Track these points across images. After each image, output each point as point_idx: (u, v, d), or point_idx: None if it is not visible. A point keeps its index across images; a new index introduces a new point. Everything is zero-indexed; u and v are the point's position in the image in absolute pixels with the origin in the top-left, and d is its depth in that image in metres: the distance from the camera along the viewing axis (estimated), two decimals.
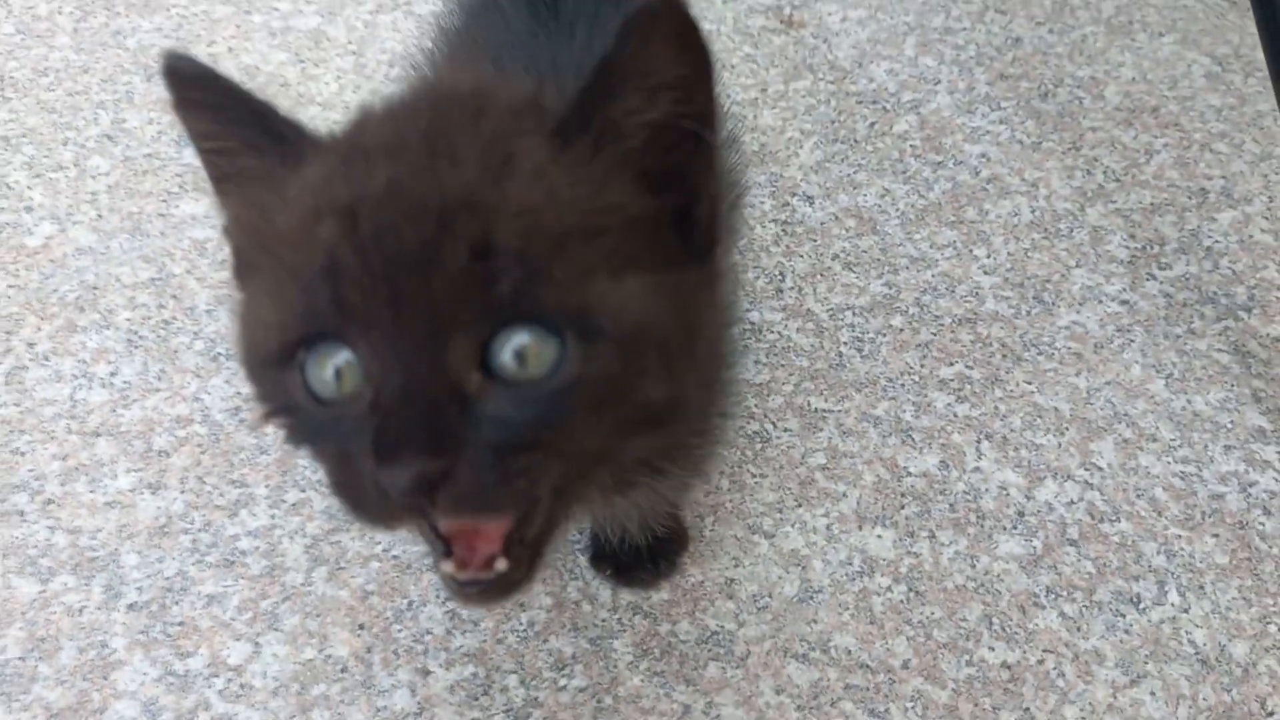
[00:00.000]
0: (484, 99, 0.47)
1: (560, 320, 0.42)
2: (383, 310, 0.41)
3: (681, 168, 0.46)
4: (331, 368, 0.43)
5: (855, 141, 1.08)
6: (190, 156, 1.02)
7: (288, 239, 0.43)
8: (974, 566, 0.80)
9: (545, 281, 0.41)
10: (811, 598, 0.78)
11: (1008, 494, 0.83)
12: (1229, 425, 0.88)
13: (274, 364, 0.45)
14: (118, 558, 0.77)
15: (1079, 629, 0.77)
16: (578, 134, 0.44)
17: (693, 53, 0.43)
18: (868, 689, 0.74)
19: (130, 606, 0.75)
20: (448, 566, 0.46)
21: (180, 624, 0.75)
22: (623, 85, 0.44)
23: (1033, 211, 1.03)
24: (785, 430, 0.87)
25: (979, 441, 0.86)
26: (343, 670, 0.73)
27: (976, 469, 0.85)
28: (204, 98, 0.46)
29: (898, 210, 1.02)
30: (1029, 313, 0.95)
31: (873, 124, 1.10)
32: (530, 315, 0.42)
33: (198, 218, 0.97)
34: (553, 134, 0.44)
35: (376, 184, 0.42)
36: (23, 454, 0.82)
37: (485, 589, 0.46)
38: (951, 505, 0.83)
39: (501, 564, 0.45)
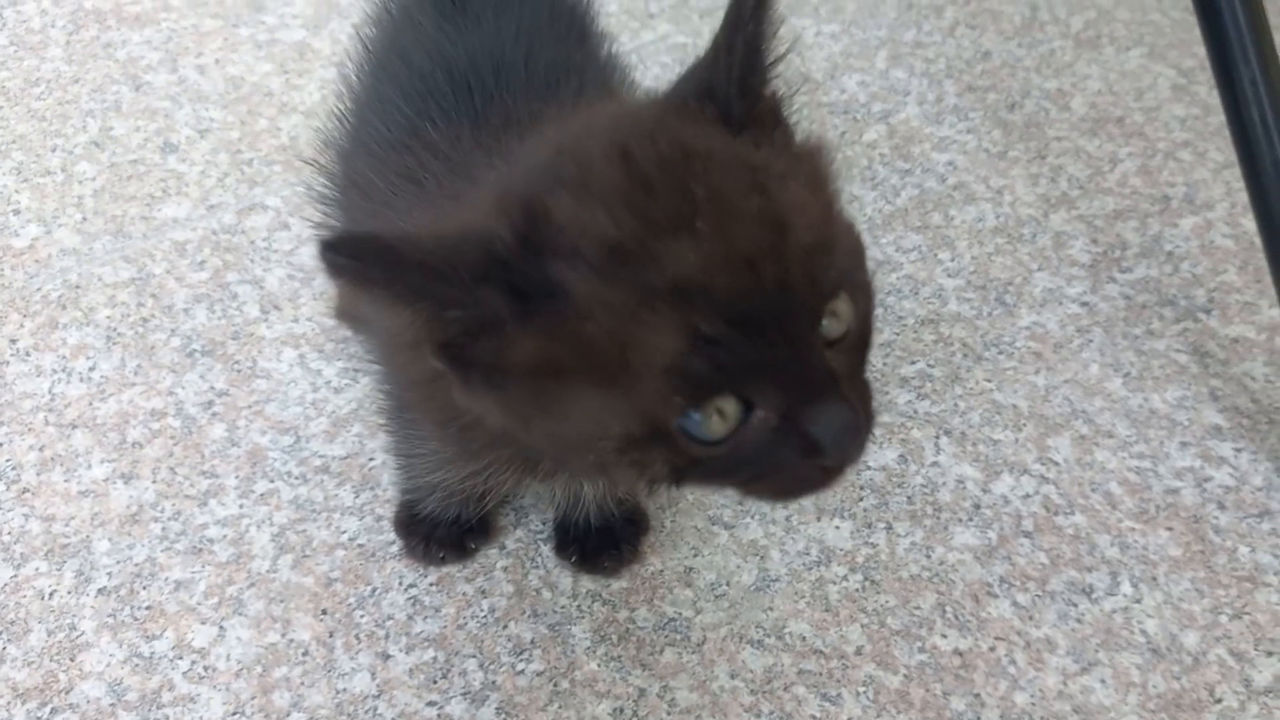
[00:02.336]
0: (675, 134, 0.47)
1: (852, 282, 0.48)
2: (767, 348, 0.45)
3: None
4: (715, 415, 0.46)
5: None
6: (175, 162, 1.05)
7: (612, 344, 0.44)
8: (929, 557, 0.81)
9: (834, 254, 0.47)
10: (768, 586, 0.79)
11: (965, 487, 0.85)
12: (1185, 422, 0.90)
13: (645, 443, 0.47)
14: (89, 544, 0.79)
15: (1031, 618, 0.78)
16: (764, 121, 0.49)
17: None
18: (821, 674, 0.75)
19: (100, 591, 0.77)
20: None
21: (148, 608, 0.76)
22: (769, 57, 0.49)
23: (997, 217, 1.05)
24: None
25: (938, 437, 0.88)
26: (305, 654, 0.75)
27: (935, 463, 0.86)
28: (377, 278, 0.43)
29: (865, 215, 1.04)
30: (990, 314, 0.97)
31: (843, 133, 1.12)
32: (839, 288, 0.47)
33: (178, 220, 1.00)
34: (749, 136, 0.48)
35: (693, 257, 0.43)
36: (0, 445, 0.84)
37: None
38: (909, 498, 0.84)
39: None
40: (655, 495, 0.59)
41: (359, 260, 0.42)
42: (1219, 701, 0.74)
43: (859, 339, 0.50)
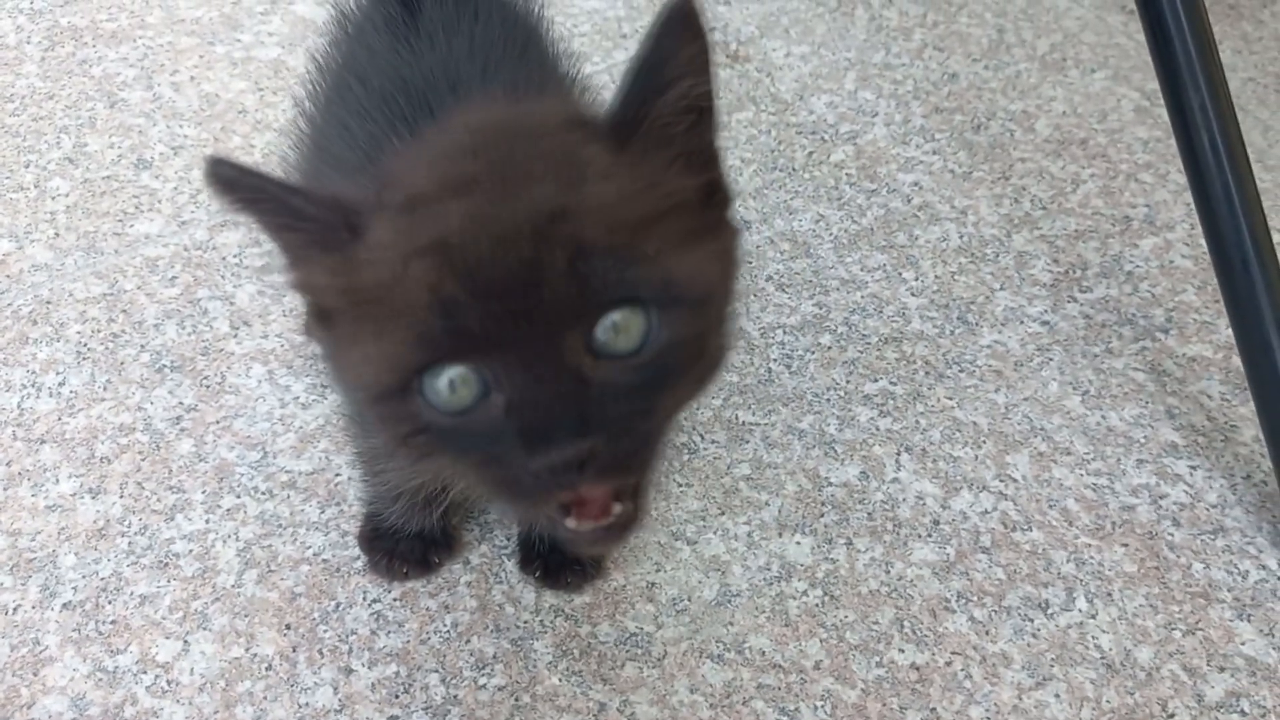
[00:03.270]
0: (533, 121, 0.50)
1: (647, 298, 0.47)
2: (500, 328, 0.46)
3: (704, 142, 0.52)
4: (446, 382, 0.47)
5: (793, 170, 1.12)
6: (148, 179, 1.06)
7: (381, 290, 0.47)
8: (888, 572, 0.82)
9: (630, 268, 0.47)
10: (729, 601, 0.80)
11: (924, 503, 0.86)
12: (1142, 440, 0.91)
13: (394, 395, 0.49)
14: (55, 559, 0.80)
15: (987, 633, 0.79)
16: (630, 135, 0.49)
17: (703, 37, 0.48)
18: (779, 688, 0.76)
19: (65, 605, 0.77)
20: (572, 523, 0.51)
21: (112, 622, 0.77)
22: (665, 82, 0.48)
23: (961, 237, 1.06)
24: (712, 442, 0.90)
25: (899, 454, 0.89)
26: (268, 668, 0.75)
27: (895, 479, 0.88)
28: (248, 195, 0.48)
29: (831, 235, 1.06)
30: (953, 332, 0.98)
31: (811, 153, 1.13)
32: (622, 299, 0.47)
33: (150, 236, 1.01)
34: (609, 139, 0.49)
35: (457, 219, 0.46)
36: None
37: (608, 532, 0.51)
38: (869, 514, 0.85)
39: (618, 508, 0.51)
40: (417, 469, 0.61)
41: (235, 179, 0.47)
42: (1172, 717, 0.76)
43: (658, 368, 0.48)
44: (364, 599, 0.79)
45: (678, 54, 0.48)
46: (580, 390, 0.46)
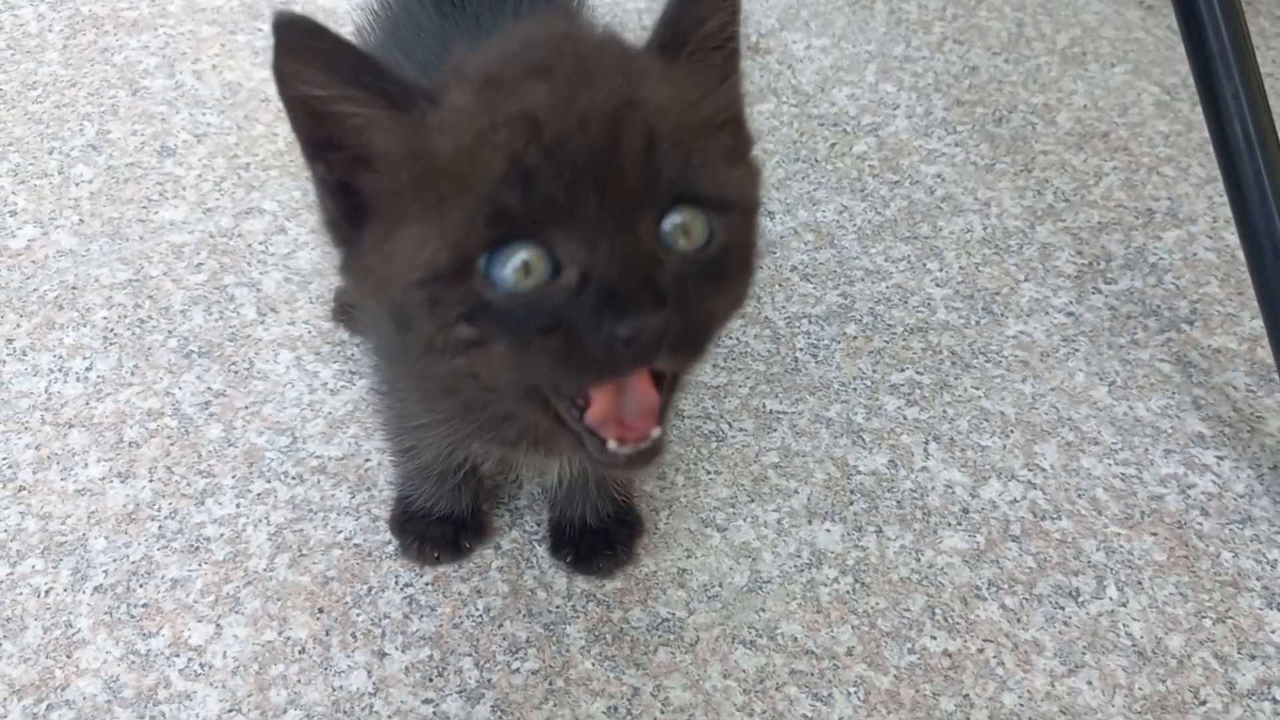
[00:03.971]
0: (588, 33, 0.54)
1: (706, 200, 0.50)
2: (580, 200, 0.47)
3: (733, 78, 0.55)
4: (520, 262, 0.48)
5: (816, 161, 1.12)
6: (172, 166, 1.06)
7: (452, 161, 0.48)
8: (918, 560, 0.82)
9: (690, 169, 0.50)
10: (760, 588, 0.80)
11: (953, 492, 0.86)
12: (1169, 430, 0.91)
13: (448, 277, 0.49)
14: (86, 542, 0.79)
15: (1019, 620, 0.79)
16: (675, 54, 0.52)
17: None
18: (812, 674, 0.76)
19: (96, 589, 0.77)
20: (613, 445, 0.52)
21: (144, 606, 0.77)
22: (702, 16, 0.52)
23: (984, 229, 1.06)
24: (740, 430, 0.90)
25: (927, 443, 0.89)
26: (301, 651, 0.75)
27: (924, 468, 0.88)
28: (319, 53, 0.48)
29: (855, 226, 1.06)
30: (978, 323, 0.98)
31: (833, 145, 1.14)
32: (688, 197, 0.50)
33: (175, 223, 1.01)
34: (659, 53, 0.52)
35: (542, 97, 0.48)
36: None
37: (645, 455, 0.52)
38: (899, 502, 0.85)
39: (656, 431, 0.52)
40: (441, 358, 0.58)
41: (312, 31, 0.48)
42: (1203, 704, 0.76)
43: (717, 267, 0.51)
44: (396, 583, 0.79)
45: None
46: (655, 269, 0.48)
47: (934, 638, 0.78)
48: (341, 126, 0.50)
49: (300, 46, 0.48)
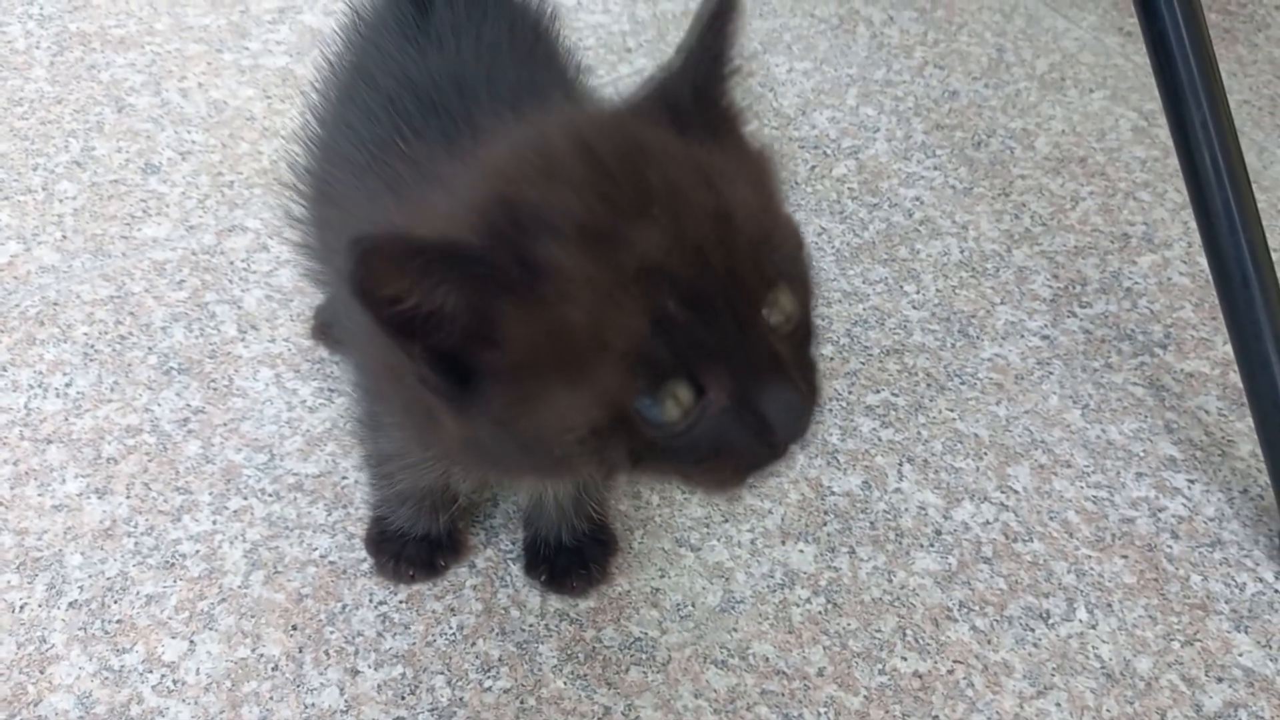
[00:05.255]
0: (630, 129, 0.51)
1: (785, 272, 0.51)
2: (719, 330, 0.47)
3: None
4: (670, 401, 0.49)
5: (796, 183, 1.13)
6: (156, 183, 1.06)
7: (588, 329, 0.46)
8: (890, 581, 0.83)
9: (769, 249, 0.50)
10: (733, 608, 0.81)
11: (926, 513, 0.87)
12: (1141, 454, 0.92)
13: (606, 431, 0.49)
14: (62, 558, 0.80)
15: (989, 641, 0.80)
16: (718, 125, 0.52)
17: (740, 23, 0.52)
18: (783, 694, 0.76)
19: (71, 604, 0.77)
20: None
21: (119, 622, 0.77)
22: (726, 68, 0.53)
23: (962, 252, 1.07)
24: None
25: (901, 464, 0.90)
26: (274, 668, 0.75)
27: (897, 490, 0.88)
28: (424, 259, 0.45)
29: (833, 247, 1.07)
30: (954, 345, 0.99)
31: (813, 167, 1.15)
32: (776, 279, 0.50)
33: (158, 240, 1.01)
34: (700, 136, 0.51)
35: (654, 240, 0.47)
36: None
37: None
38: (872, 523, 0.86)
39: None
40: (611, 483, 0.60)
41: (408, 248, 0.45)
42: None
43: (801, 326, 0.52)
44: (370, 601, 0.79)
45: (730, 38, 0.52)
46: (782, 361, 0.49)
47: (905, 659, 0.79)
48: (453, 325, 0.48)
49: (392, 271, 0.45)
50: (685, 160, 0.49)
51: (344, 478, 0.86)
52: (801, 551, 0.84)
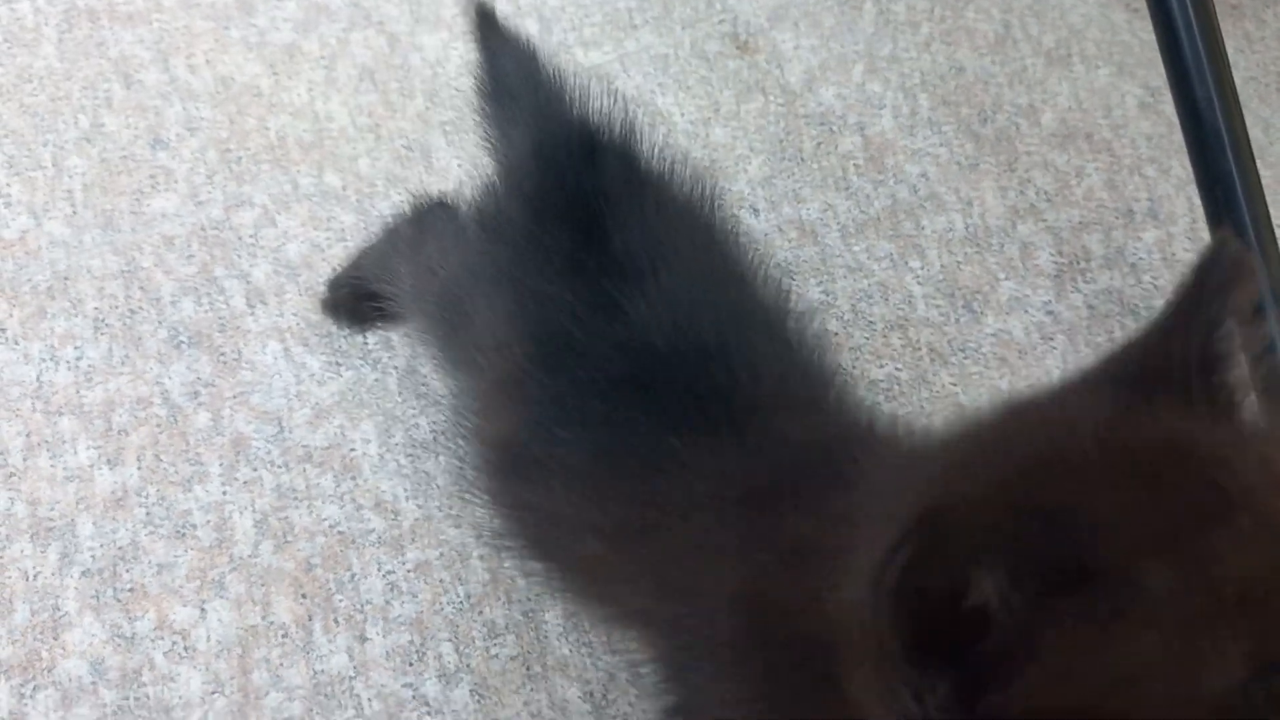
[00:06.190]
0: (1131, 418, 0.40)
1: None
2: None
3: None
4: None
5: (802, 159, 1.13)
6: (165, 158, 1.07)
7: (1158, 669, 0.34)
8: None
9: None
10: None
11: None
12: None
13: None
14: (74, 527, 0.81)
15: None
16: (1225, 412, 0.41)
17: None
18: None
19: (83, 572, 0.79)
20: None
21: (130, 589, 0.78)
22: (1228, 345, 0.42)
23: (966, 227, 1.08)
24: None
25: None
26: (284, 635, 0.77)
27: None
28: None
29: (839, 223, 1.07)
30: (958, 320, 1.00)
31: (819, 143, 1.15)
32: None
33: (167, 214, 1.02)
34: (1203, 420, 0.40)
35: (1248, 558, 0.35)
36: None
37: None
38: None
39: None
40: None
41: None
42: None
43: None
44: (379, 570, 0.80)
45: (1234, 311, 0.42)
46: None
47: None
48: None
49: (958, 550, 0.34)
50: (1228, 451, 0.38)
51: (352, 449, 0.87)
52: None
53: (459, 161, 1.07)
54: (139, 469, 0.84)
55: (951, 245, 1.06)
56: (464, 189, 0.92)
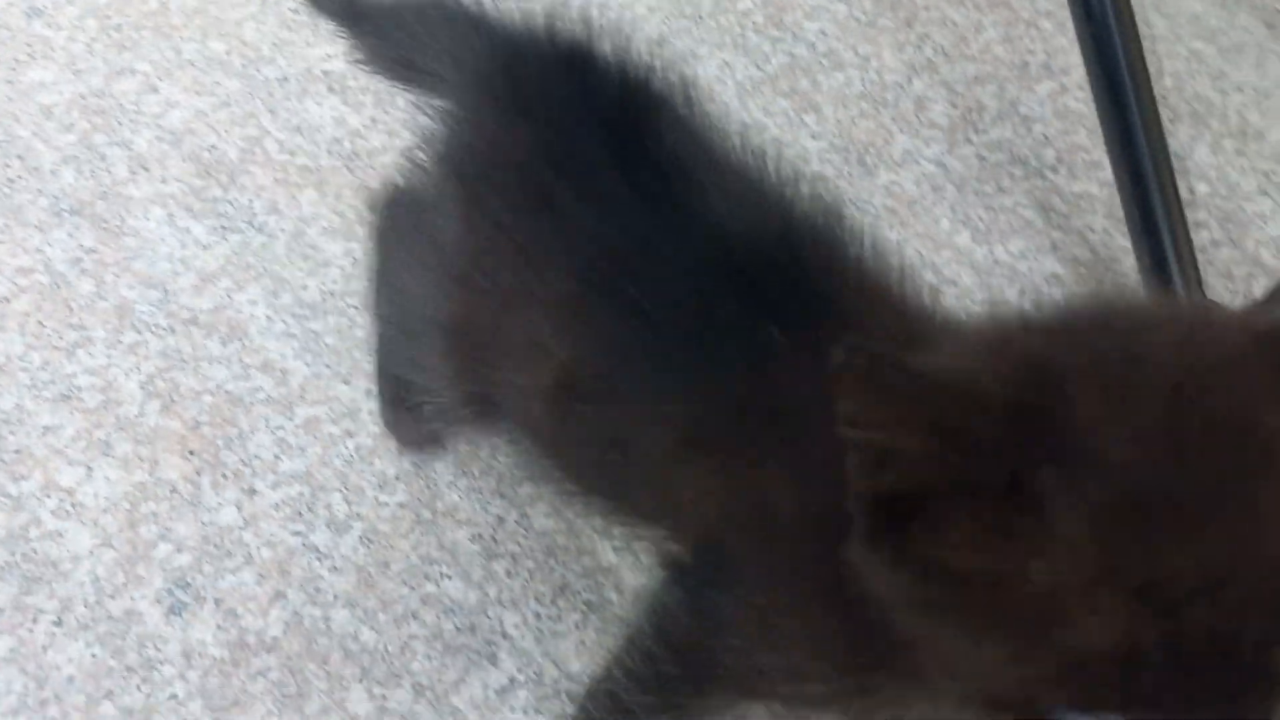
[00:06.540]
0: (1236, 378, 0.37)
1: None
2: (1186, 691, 0.36)
3: None
4: None
5: (700, 18, 1.12)
6: (40, 27, 1.03)
7: (1045, 600, 0.36)
8: None
9: None
10: None
11: None
12: (1026, 272, 0.95)
13: (997, 709, 0.39)
14: None
15: None
16: None
17: None
18: None
19: None
20: None
21: (16, 452, 0.78)
22: None
23: (863, 83, 1.08)
24: None
25: None
26: (172, 491, 0.77)
27: None
28: (904, 396, 0.36)
29: (735, 81, 1.07)
30: (850, 174, 1.00)
31: (717, 1, 1.14)
32: None
33: (45, 84, 0.99)
34: None
35: (1182, 562, 0.34)
36: None
37: None
38: None
39: None
40: None
41: (879, 373, 0.36)
42: None
43: None
44: (267, 426, 0.81)
45: None
46: None
47: None
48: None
49: (880, 391, 0.36)
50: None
51: (238, 312, 0.86)
52: None
53: None
54: (22, 336, 0.84)
55: (847, 102, 1.06)
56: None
